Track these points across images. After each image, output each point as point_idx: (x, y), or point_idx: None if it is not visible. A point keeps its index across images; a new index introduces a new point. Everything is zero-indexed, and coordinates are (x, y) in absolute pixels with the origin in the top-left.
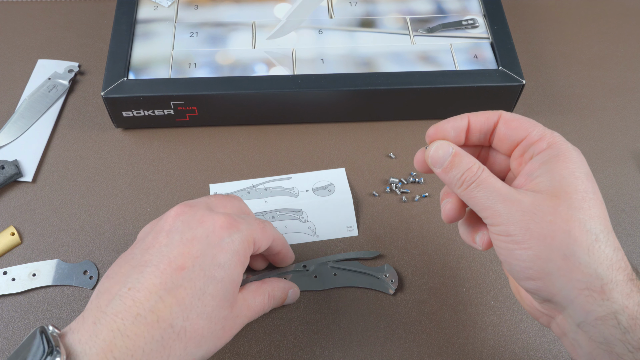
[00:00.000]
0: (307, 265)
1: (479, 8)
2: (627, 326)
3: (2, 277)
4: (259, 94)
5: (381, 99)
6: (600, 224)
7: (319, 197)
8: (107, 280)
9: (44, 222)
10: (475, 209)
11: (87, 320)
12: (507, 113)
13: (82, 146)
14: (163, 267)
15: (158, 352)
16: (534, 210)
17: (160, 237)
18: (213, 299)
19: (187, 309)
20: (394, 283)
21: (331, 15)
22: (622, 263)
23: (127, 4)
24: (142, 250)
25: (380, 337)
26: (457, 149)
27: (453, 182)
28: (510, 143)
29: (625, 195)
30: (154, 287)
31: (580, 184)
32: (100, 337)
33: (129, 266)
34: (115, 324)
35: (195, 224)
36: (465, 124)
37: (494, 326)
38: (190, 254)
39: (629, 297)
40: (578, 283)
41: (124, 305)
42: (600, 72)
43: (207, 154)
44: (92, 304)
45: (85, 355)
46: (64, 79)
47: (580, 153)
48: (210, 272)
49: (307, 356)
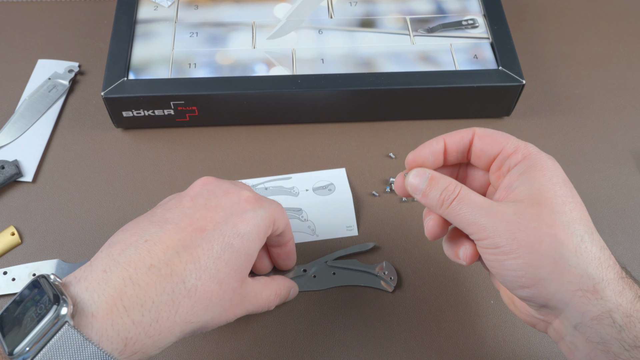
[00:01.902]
0: (307, 269)
1: (479, 8)
2: (623, 324)
3: (2, 277)
4: (259, 94)
5: (381, 99)
6: (583, 225)
7: (319, 197)
8: (121, 233)
9: (44, 222)
10: (460, 227)
11: (96, 268)
12: (480, 129)
13: (82, 146)
14: (184, 226)
15: (167, 305)
16: (517, 219)
17: (184, 200)
18: (227, 265)
19: (201, 269)
20: (392, 280)
21: (331, 15)
22: (611, 261)
23: (127, 4)
24: (163, 210)
25: (380, 337)
26: (433, 173)
27: (433, 204)
28: (487, 158)
29: (625, 195)
30: (172, 242)
31: (558, 189)
32: (110, 285)
33: (148, 221)
34: (127, 272)
35: (221, 193)
36: (441, 147)
37: (494, 326)
38: (212, 219)
39: (621, 295)
40: (570, 285)
41: (139, 255)
42: (600, 72)
43: (207, 154)
44: (103, 253)
45: (93, 303)
46: (64, 79)
47: (556, 161)
48: (229, 239)
49: (307, 356)
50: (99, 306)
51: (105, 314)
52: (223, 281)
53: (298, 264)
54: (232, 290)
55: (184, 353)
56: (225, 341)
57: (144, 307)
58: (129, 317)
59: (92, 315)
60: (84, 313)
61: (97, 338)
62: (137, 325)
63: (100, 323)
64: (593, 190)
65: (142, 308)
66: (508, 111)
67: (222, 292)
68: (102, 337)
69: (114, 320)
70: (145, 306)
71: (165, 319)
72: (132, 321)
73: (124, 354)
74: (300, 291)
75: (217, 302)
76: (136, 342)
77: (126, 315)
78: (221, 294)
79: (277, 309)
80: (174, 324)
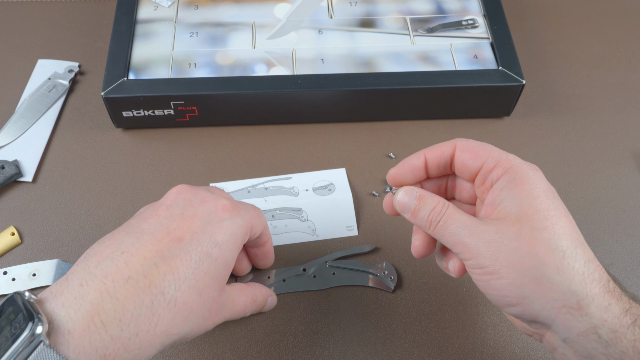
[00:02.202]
0: (306, 269)
1: (479, 8)
2: (608, 339)
3: (2, 277)
4: (259, 94)
5: (381, 99)
6: (566, 240)
7: (319, 197)
8: (97, 245)
9: (44, 222)
10: (448, 246)
11: (72, 282)
12: (461, 142)
13: (82, 146)
14: (160, 236)
15: (146, 318)
16: (499, 239)
17: (160, 210)
18: (206, 275)
19: (180, 280)
20: (392, 280)
21: (331, 15)
22: (596, 275)
23: (127, 4)
24: (139, 220)
25: (381, 337)
26: (421, 191)
27: (422, 224)
28: (469, 173)
29: (625, 195)
30: (150, 253)
31: (539, 203)
32: (86, 299)
33: (124, 232)
34: (104, 285)
35: (197, 202)
36: (421, 162)
37: (494, 326)
38: (189, 228)
39: (607, 311)
40: (555, 302)
41: (116, 268)
42: (600, 72)
43: (207, 154)
44: (79, 267)
45: (69, 320)
46: (64, 79)
47: (538, 171)
48: (208, 248)
49: (307, 356)
50: (76, 322)
51: (82, 331)
52: (202, 291)
53: (298, 264)
54: (211, 299)
55: (184, 353)
56: (225, 341)
57: (122, 322)
58: (107, 333)
59: (68, 333)
60: (60, 330)
61: (74, 356)
62: (116, 341)
63: (77, 340)
64: (593, 190)
65: (120, 322)
66: (508, 111)
67: (202, 302)
68: (79, 354)
69: (92, 337)
70: (123, 320)
71: (145, 332)
72: (111, 336)
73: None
74: (300, 291)
75: (197, 312)
76: (115, 357)
77: (104, 331)
78: (201, 304)
79: (278, 309)
80: (154, 336)
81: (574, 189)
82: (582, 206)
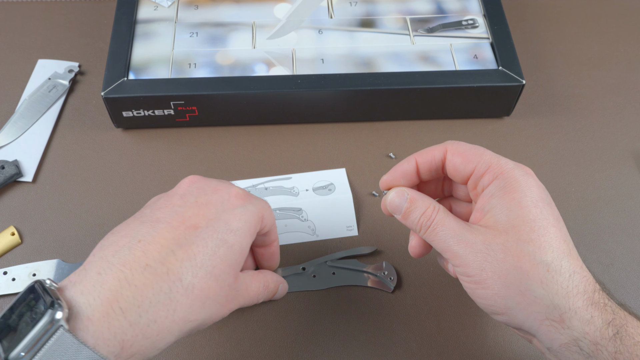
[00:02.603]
0: (305, 268)
1: (479, 8)
2: (589, 352)
3: (2, 277)
4: (259, 94)
5: (381, 99)
6: (551, 253)
7: (319, 197)
8: (112, 235)
9: (44, 222)
10: (438, 251)
11: (90, 271)
12: (452, 145)
13: (82, 146)
14: (176, 224)
15: (164, 305)
16: (485, 250)
17: (173, 199)
18: (222, 262)
19: (197, 266)
20: (392, 280)
21: (331, 15)
22: (580, 287)
23: (127, 4)
24: (153, 210)
25: (381, 337)
26: (413, 193)
27: (413, 227)
28: (461, 177)
29: (625, 195)
30: (166, 241)
31: (527, 214)
32: (105, 287)
33: (139, 222)
34: (122, 273)
35: (210, 190)
36: (412, 167)
37: (494, 326)
38: (204, 216)
39: (589, 324)
40: (538, 315)
41: (133, 256)
42: (600, 72)
43: (207, 154)
44: (96, 257)
45: (88, 306)
46: (64, 79)
47: (530, 176)
48: (223, 235)
49: (307, 356)
50: (95, 309)
51: (101, 317)
52: (219, 277)
53: (297, 263)
54: (227, 285)
55: (184, 353)
56: (225, 341)
57: (140, 308)
58: (125, 319)
59: (87, 319)
60: (79, 316)
61: (93, 341)
62: (135, 327)
63: (96, 326)
64: (593, 190)
65: (139, 309)
66: (508, 111)
67: (219, 288)
68: (98, 340)
69: (110, 323)
70: (142, 307)
71: (164, 318)
72: (129, 323)
73: (121, 356)
74: (300, 291)
75: (214, 298)
76: (133, 344)
77: (123, 317)
78: (217, 290)
79: (278, 309)
80: (172, 323)
81: (574, 189)
82: (582, 206)
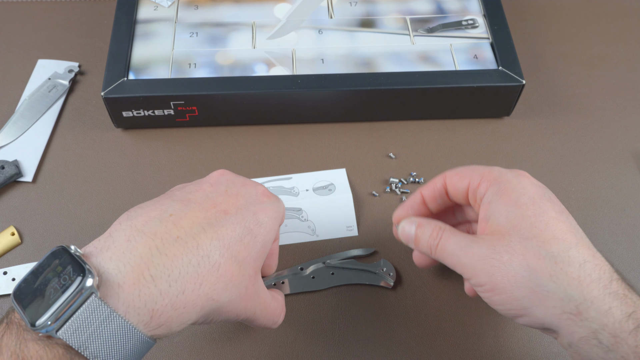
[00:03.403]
0: (303, 267)
1: (479, 8)
2: (609, 345)
3: (2, 277)
4: (259, 94)
5: (381, 99)
6: (556, 245)
7: (319, 197)
8: (139, 209)
9: (44, 222)
10: (452, 268)
11: (118, 238)
12: (449, 171)
13: (82, 146)
14: (207, 207)
15: (192, 278)
16: (492, 255)
17: (204, 186)
18: (246, 249)
19: (224, 247)
20: (392, 276)
21: (331, 15)
22: (594, 275)
23: (127, 4)
24: (184, 192)
25: (380, 337)
26: (420, 220)
27: (425, 250)
28: (461, 195)
29: (625, 195)
30: (198, 219)
31: (525, 211)
32: (135, 253)
33: (170, 200)
34: (153, 242)
35: (239, 183)
36: (419, 198)
37: (494, 326)
38: (234, 204)
39: (607, 315)
40: (554, 309)
41: (165, 227)
42: (600, 72)
43: (207, 154)
44: (123, 225)
45: (119, 273)
46: (64, 79)
47: (523, 177)
48: (250, 224)
49: (307, 356)
50: (125, 275)
51: (132, 284)
52: (242, 264)
53: (297, 263)
54: (248, 276)
55: (184, 353)
56: (225, 341)
57: (170, 277)
58: (156, 287)
59: (118, 286)
60: (109, 283)
61: (123, 309)
62: (164, 296)
63: (127, 293)
64: (593, 190)
65: (169, 278)
66: (508, 111)
67: (241, 274)
68: (128, 307)
69: (141, 290)
70: (172, 276)
71: (191, 291)
72: (160, 291)
73: (149, 326)
74: (299, 292)
75: (236, 284)
76: (162, 314)
77: (153, 285)
78: (239, 276)
79: None
80: (198, 297)
81: (574, 189)
82: (582, 206)
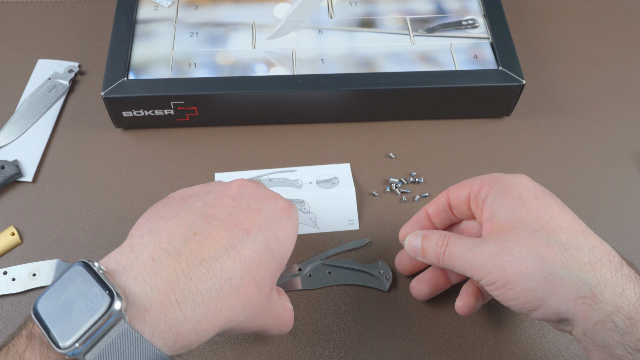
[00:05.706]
0: (302, 268)
1: (479, 8)
2: (624, 327)
3: (2, 277)
4: (259, 94)
5: (381, 99)
6: (564, 233)
7: (322, 189)
8: (160, 220)
9: (44, 222)
10: (462, 273)
11: (142, 255)
12: (452, 186)
13: (82, 146)
14: (230, 225)
15: (214, 302)
16: (500, 250)
17: (225, 199)
18: (265, 269)
19: (245, 269)
20: (388, 279)
21: (331, 15)
22: (605, 259)
23: (127, 4)
24: (205, 205)
25: (380, 337)
26: (425, 232)
27: (432, 260)
28: (463, 205)
29: (625, 195)
30: (221, 239)
31: (529, 205)
32: (161, 276)
33: (191, 213)
34: (179, 264)
35: (260, 197)
36: (424, 214)
37: (494, 326)
38: (256, 222)
39: (621, 297)
40: (569, 295)
41: (189, 248)
42: (600, 72)
43: (207, 154)
44: (145, 239)
45: (145, 296)
46: (64, 79)
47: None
48: (270, 244)
49: (307, 356)
50: (152, 299)
51: (159, 308)
52: (260, 283)
53: (295, 262)
54: (265, 295)
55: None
56: (225, 341)
57: (195, 302)
58: (181, 312)
59: (145, 309)
60: (135, 306)
61: (149, 333)
62: (189, 321)
63: (153, 318)
64: (593, 190)
65: (193, 303)
66: (508, 111)
67: (258, 294)
68: (154, 332)
69: (167, 315)
70: (196, 301)
71: (212, 314)
72: (184, 316)
73: (172, 348)
74: (296, 290)
75: (253, 303)
76: (185, 337)
77: (179, 310)
78: (257, 296)
79: None
80: (217, 320)
81: (574, 189)
82: (582, 206)
